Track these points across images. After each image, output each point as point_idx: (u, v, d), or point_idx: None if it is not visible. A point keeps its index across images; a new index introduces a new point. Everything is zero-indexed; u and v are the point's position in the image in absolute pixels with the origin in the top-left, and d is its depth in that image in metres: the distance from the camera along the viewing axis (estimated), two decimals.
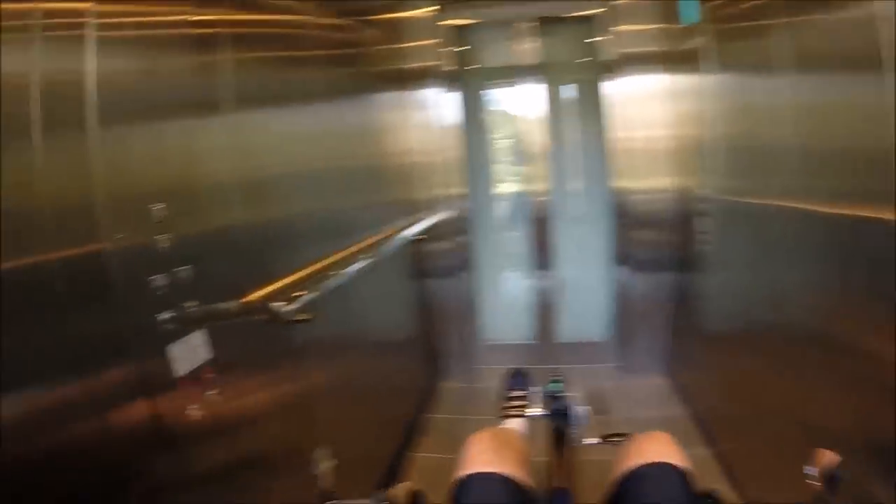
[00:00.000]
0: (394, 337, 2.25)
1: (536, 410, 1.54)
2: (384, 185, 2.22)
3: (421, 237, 2.27)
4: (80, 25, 0.72)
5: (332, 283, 1.27)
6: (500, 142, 2.75)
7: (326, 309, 1.26)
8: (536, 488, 1.08)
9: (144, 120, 0.84)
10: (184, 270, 0.88)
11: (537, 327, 2.78)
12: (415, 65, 2.47)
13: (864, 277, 1.09)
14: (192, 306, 0.89)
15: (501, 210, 2.82)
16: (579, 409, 1.46)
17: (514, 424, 1.50)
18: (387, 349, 2.12)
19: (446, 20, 2.49)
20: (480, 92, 2.71)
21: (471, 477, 0.98)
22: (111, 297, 0.74)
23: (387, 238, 1.88)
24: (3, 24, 0.61)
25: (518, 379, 1.70)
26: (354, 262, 1.47)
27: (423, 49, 2.46)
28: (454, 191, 2.56)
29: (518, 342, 2.80)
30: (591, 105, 2.58)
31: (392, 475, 1.90)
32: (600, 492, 1.05)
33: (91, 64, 0.72)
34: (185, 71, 0.97)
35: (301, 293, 1.07)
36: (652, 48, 2.36)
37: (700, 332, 2.21)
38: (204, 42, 1.03)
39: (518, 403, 1.56)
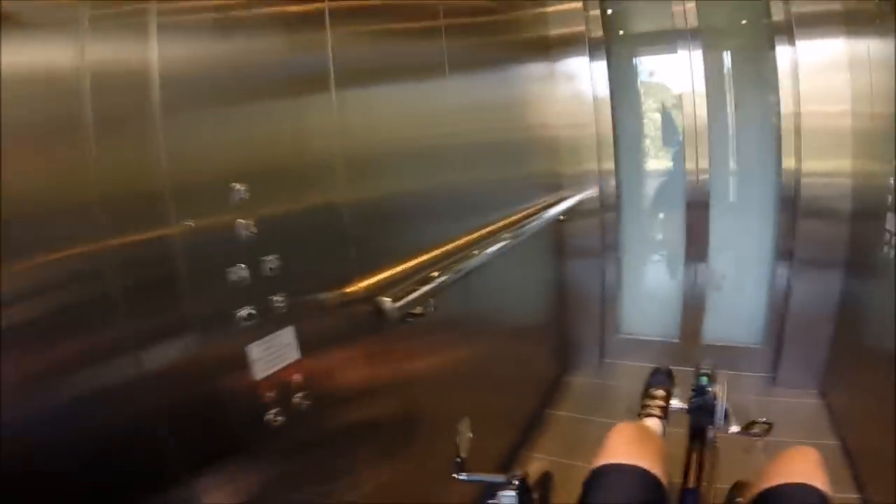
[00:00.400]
0: (524, 323, 2.09)
1: (678, 404, 1.49)
2: (525, 161, 2.04)
3: (562, 217, 2.09)
4: None
5: (456, 270, 1.17)
6: (653, 115, 2.46)
7: (448, 296, 1.16)
8: (670, 485, 1.07)
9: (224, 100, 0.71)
10: (270, 260, 0.75)
11: (682, 324, 2.50)
12: (559, 31, 2.26)
13: None
14: (278, 301, 0.76)
15: (652, 190, 2.53)
16: (723, 408, 1.41)
17: (652, 424, 1.44)
18: (513, 337, 1.96)
19: None
20: (632, 60, 2.44)
21: (607, 467, 0.99)
22: (179, 291, 0.63)
23: (525, 218, 1.75)
24: None
25: (660, 377, 1.61)
26: (485, 246, 1.37)
27: (567, 13, 2.24)
28: (602, 166, 2.34)
29: (659, 338, 2.55)
30: (757, 75, 2.25)
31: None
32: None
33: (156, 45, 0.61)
34: (282, 46, 0.83)
35: (416, 288, 0.98)
36: (833, 6, 1.97)
37: (866, 351, 1.87)
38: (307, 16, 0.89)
39: (659, 403, 1.49)
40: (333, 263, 0.91)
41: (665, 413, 1.46)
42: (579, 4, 2.23)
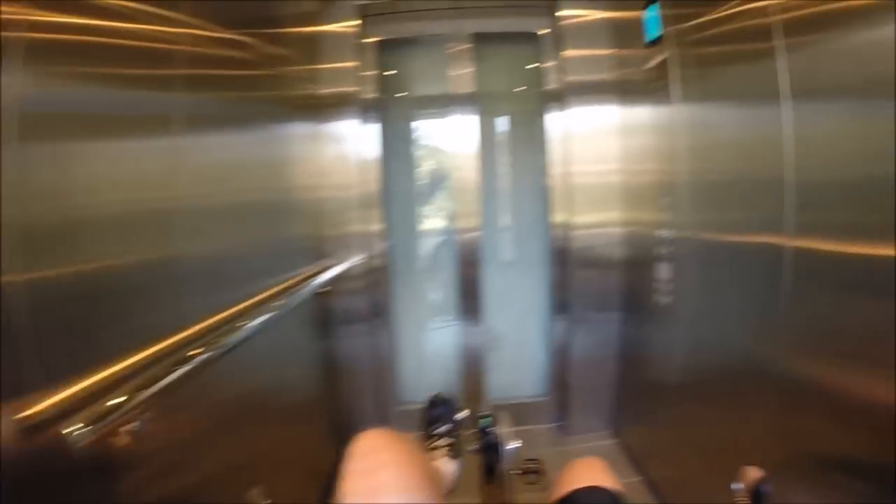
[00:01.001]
0: (291, 407, 1.85)
1: (467, 446, 1.53)
2: (282, 226, 1.86)
3: (326, 289, 1.96)
4: None
5: (186, 365, 0.95)
6: (427, 177, 2.47)
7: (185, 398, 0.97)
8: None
9: None
10: None
11: (464, 386, 2.48)
12: (331, 90, 2.18)
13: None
14: None
15: (425, 252, 2.50)
16: (509, 444, 1.47)
17: (444, 465, 1.43)
18: (280, 423, 1.71)
19: (368, 37, 2.23)
20: (408, 122, 2.44)
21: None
22: None
23: (283, 293, 1.56)
24: None
25: (441, 408, 1.61)
26: (227, 332, 1.16)
27: (340, 72, 2.17)
28: (371, 229, 2.25)
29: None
30: (531, 139, 2.36)
31: None
32: None
33: None
34: None
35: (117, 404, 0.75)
36: (604, 76, 2.16)
37: (651, 389, 1.99)
38: None
39: (443, 437, 1.49)
40: None
41: (456, 447, 1.47)
42: (354, 64, 2.17)
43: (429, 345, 2.56)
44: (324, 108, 2.17)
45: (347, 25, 2.18)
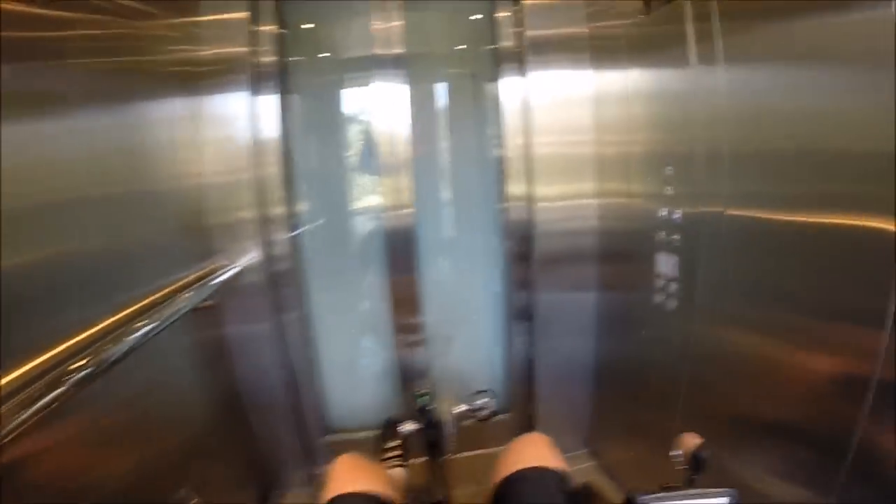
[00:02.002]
0: (186, 452, 1.42)
1: (409, 427, 1.54)
2: (150, 222, 1.37)
3: (207, 303, 1.49)
4: None
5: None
6: (348, 155, 1.97)
7: None
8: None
9: None
10: None
11: (404, 405, 2.01)
12: (214, 51, 1.66)
13: None
14: None
15: (348, 243, 2.03)
16: (449, 417, 1.49)
17: (395, 473, 1.48)
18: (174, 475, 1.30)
19: None
20: (319, 91, 1.94)
21: (334, 500, 0.99)
22: None
23: (156, 306, 1.19)
24: None
25: (393, 429, 1.60)
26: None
27: (227, 27, 1.66)
28: (271, 215, 1.77)
29: (377, 431, 1.96)
30: (479, 106, 1.95)
31: None
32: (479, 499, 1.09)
33: None
34: None
35: None
36: (576, 29, 1.75)
37: (631, 402, 1.74)
38: None
39: (396, 454, 1.50)
40: None
41: (405, 458, 1.46)
42: (243, 16, 1.66)
43: (358, 359, 2.10)
44: (205, 75, 1.66)
45: None
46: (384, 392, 2.07)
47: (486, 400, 1.58)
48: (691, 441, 1.16)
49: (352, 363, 2.10)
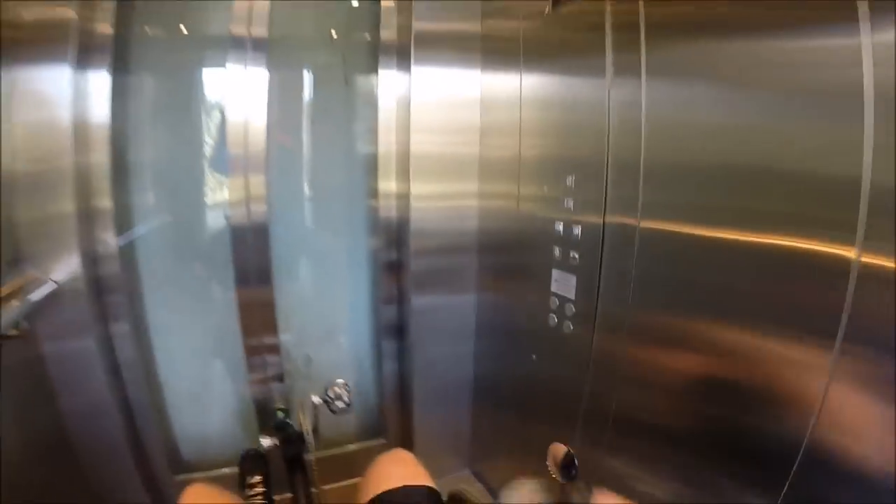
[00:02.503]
0: None
1: (267, 440, 1.50)
2: None
3: (14, 333, 1.19)
4: None
5: None
6: (197, 144, 1.69)
7: None
8: None
9: None
10: None
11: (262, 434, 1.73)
12: (39, 16, 1.33)
13: None
14: None
15: (192, 249, 1.73)
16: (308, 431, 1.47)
17: None
18: None
19: None
20: (164, 72, 1.64)
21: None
22: None
23: None
24: None
25: (255, 461, 1.46)
26: None
27: None
28: (101, 217, 1.48)
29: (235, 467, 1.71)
30: (350, 99, 1.79)
31: None
32: None
33: None
34: None
35: None
36: (468, 26, 1.64)
37: (511, 421, 1.67)
38: None
39: (259, 490, 1.36)
40: None
41: (269, 497, 1.34)
42: None
43: (208, 385, 1.82)
44: (22, 42, 1.33)
45: None
46: (239, 422, 1.82)
47: (339, 391, 1.56)
48: (560, 450, 1.20)
49: (200, 391, 1.81)
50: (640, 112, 1.09)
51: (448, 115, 1.67)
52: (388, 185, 1.74)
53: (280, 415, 1.53)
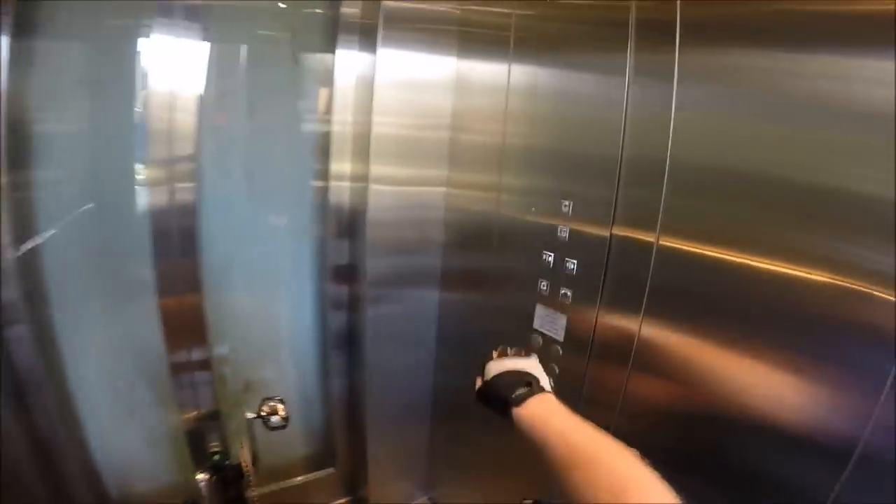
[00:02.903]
0: None
1: (203, 476, 1.38)
2: None
3: None
4: None
5: None
6: (116, 120, 1.40)
7: None
8: None
9: None
10: None
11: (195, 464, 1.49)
12: None
13: None
14: None
15: (107, 243, 1.43)
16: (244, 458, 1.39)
17: None
18: None
19: None
20: (83, 38, 1.38)
21: None
22: None
23: None
24: None
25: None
26: None
27: None
28: None
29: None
30: (302, 77, 1.60)
31: None
32: None
33: None
34: None
35: None
36: (444, 7, 1.46)
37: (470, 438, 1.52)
38: None
39: None
40: None
41: None
42: None
43: (131, 410, 1.53)
44: None
45: None
46: (170, 454, 1.55)
47: (274, 404, 1.45)
48: None
49: (124, 417, 1.53)
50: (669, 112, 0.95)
51: (417, 98, 1.49)
52: (341, 166, 1.55)
53: (217, 459, 1.38)
